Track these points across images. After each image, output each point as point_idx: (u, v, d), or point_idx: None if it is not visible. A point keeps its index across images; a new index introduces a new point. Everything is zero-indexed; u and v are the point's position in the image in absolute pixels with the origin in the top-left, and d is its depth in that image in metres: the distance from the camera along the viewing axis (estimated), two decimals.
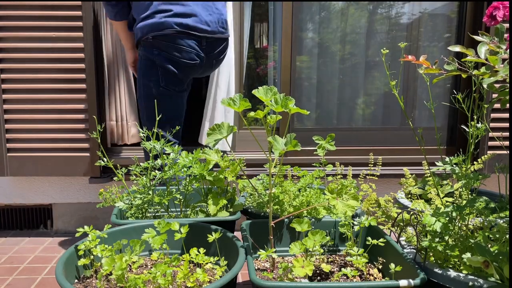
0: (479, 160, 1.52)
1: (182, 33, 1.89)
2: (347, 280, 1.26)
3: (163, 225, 1.31)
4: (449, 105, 2.59)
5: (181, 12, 1.89)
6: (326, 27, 2.60)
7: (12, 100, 2.29)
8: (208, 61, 2.05)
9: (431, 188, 1.62)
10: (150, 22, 1.89)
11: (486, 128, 1.36)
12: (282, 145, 1.17)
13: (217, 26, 2.00)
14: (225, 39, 2.10)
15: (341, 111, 2.67)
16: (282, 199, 1.54)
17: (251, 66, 2.64)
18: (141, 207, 1.61)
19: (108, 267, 1.15)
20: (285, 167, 1.78)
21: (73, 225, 2.56)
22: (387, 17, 2.60)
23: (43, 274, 1.98)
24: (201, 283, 1.21)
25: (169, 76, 1.96)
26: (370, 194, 1.61)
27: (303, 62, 2.60)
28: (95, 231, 1.32)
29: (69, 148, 2.33)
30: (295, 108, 1.20)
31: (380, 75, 2.65)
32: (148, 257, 1.43)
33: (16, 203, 2.54)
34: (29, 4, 2.23)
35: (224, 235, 1.35)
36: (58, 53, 2.27)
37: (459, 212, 1.20)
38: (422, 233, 1.35)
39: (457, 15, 2.57)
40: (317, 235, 1.26)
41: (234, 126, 1.28)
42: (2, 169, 2.32)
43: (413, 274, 1.13)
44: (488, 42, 1.04)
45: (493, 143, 2.44)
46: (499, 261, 1.03)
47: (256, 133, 2.60)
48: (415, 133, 1.55)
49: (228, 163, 1.57)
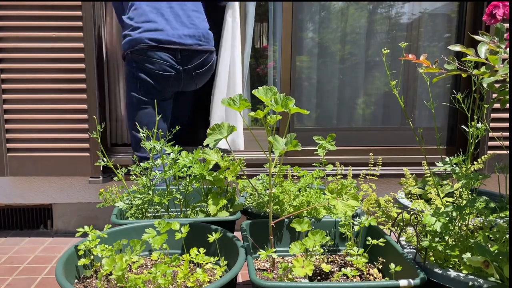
0: (479, 160, 1.52)
1: (154, 47, 2.06)
2: (347, 280, 1.26)
3: (163, 225, 1.31)
4: (449, 105, 2.59)
5: (153, 28, 2.07)
6: (326, 27, 2.60)
7: (12, 100, 2.29)
8: (187, 74, 2.17)
9: (431, 188, 1.62)
10: (128, 39, 2.09)
11: (486, 128, 1.36)
12: (282, 145, 1.17)
13: (193, 39, 2.11)
14: (204, 52, 2.18)
15: (341, 111, 2.67)
16: (282, 199, 1.54)
17: (251, 66, 2.64)
18: (141, 207, 1.61)
19: (108, 267, 1.15)
20: (285, 167, 1.78)
21: (73, 225, 2.56)
22: (387, 17, 2.60)
23: (43, 274, 1.98)
24: (201, 283, 1.21)
25: (146, 86, 2.14)
26: (370, 194, 1.61)
27: (303, 62, 2.60)
28: (95, 231, 1.32)
29: (69, 148, 2.33)
30: (295, 108, 1.20)
31: (380, 75, 2.65)
32: (148, 257, 1.43)
33: (16, 203, 2.54)
34: (29, 4, 2.23)
35: (224, 235, 1.35)
36: (58, 53, 2.27)
37: (459, 212, 1.20)
38: (422, 233, 1.35)
39: (457, 15, 2.57)
40: (317, 235, 1.26)
41: (234, 126, 1.28)
42: (2, 169, 2.32)
43: (413, 274, 1.13)
44: (488, 41, 1.04)
45: (493, 143, 2.43)
46: (499, 261, 1.03)
47: (256, 133, 2.60)
48: (415, 133, 1.55)
49: (228, 163, 1.57)
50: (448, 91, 2.64)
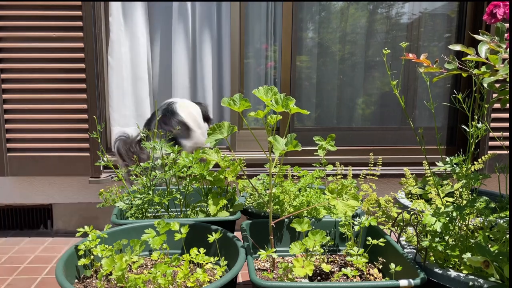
0: (479, 160, 1.51)
1: None
2: (347, 280, 1.26)
3: (163, 225, 1.31)
4: (449, 105, 2.59)
5: None
6: (326, 27, 2.60)
7: (12, 100, 2.29)
8: None
9: (432, 188, 1.62)
10: None
11: (486, 128, 1.36)
12: (282, 145, 1.17)
13: None
14: None
15: (341, 111, 2.67)
16: (282, 199, 1.54)
17: (251, 66, 2.63)
18: (141, 207, 1.61)
19: (108, 267, 1.15)
20: (285, 167, 1.78)
21: (73, 225, 2.56)
22: (387, 17, 2.60)
23: (43, 274, 1.98)
24: (201, 283, 1.21)
25: None
26: (370, 194, 1.61)
27: (303, 62, 2.60)
28: (95, 231, 1.32)
29: (69, 148, 2.33)
30: (296, 108, 1.20)
31: (380, 75, 2.65)
32: (148, 257, 1.43)
33: (16, 203, 2.54)
34: (29, 4, 2.22)
35: (224, 235, 1.35)
36: (58, 53, 2.27)
37: (459, 212, 1.20)
38: (422, 233, 1.35)
39: (457, 15, 2.56)
40: (317, 235, 1.26)
41: (235, 126, 1.28)
42: (2, 169, 2.32)
43: (413, 274, 1.13)
44: (489, 41, 1.04)
45: (493, 143, 2.43)
46: (499, 261, 1.03)
47: (256, 133, 2.60)
48: (416, 133, 1.55)
49: (228, 163, 1.57)
50: (448, 91, 2.64)
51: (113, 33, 2.48)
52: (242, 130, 2.59)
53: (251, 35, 2.60)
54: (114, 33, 2.48)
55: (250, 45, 2.61)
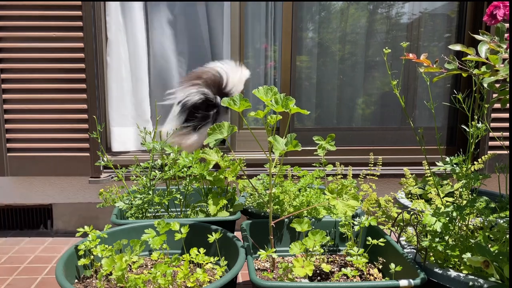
0: (479, 160, 1.51)
1: None
2: (347, 280, 1.26)
3: (163, 225, 1.31)
4: (449, 105, 2.59)
5: None
6: (326, 27, 2.60)
7: (12, 100, 2.29)
8: None
9: (431, 188, 1.62)
10: None
11: (486, 128, 1.36)
12: (282, 145, 1.17)
13: None
14: None
15: (341, 111, 2.67)
16: (282, 199, 1.54)
17: (251, 66, 2.63)
18: (141, 207, 1.61)
19: (108, 267, 1.15)
20: (285, 167, 1.78)
21: (73, 225, 2.56)
22: (387, 17, 2.60)
23: (43, 274, 1.98)
24: (201, 283, 1.21)
25: None
26: (370, 194, 1.61)
27: (303, 62, 2.60)
28: (95, 231, 1.32)
29: (69, 148, 2.33)
30: (296, 108, 1.20)
31: (380, 75, 2.65)
32: (148, 257, 1.43)
33: (16, 203, 2.54)
34: (29, 4, 2.22)
35: (224, 235, 1.35)
36: (58, 53, 2.27)
37: (459, 212, 1.20)
38: (422, 233, 1.35)
39: (457, 14, 2.56)
40: (317, 235, 1.26)
41: (235, 126, 1.28)
42: (2, 169, 2.32)
43: (413, 274, 1.13)
44: (489, 41, 1.04)
45: (493, 143, 2.43)
46: (499, 261, 1.03)
47: (256, 133, 2.60)
48: (416, 132, 1.55)
49: (228, 163, 1.57)
50: (448, 91, 2.64)
51: (111, 33, 2.48)
52: (242, 130, 2.59)
53: (251, 35, 2.60)
54: (112, 33, 2.48)
55: (250, 45, 2.61)
